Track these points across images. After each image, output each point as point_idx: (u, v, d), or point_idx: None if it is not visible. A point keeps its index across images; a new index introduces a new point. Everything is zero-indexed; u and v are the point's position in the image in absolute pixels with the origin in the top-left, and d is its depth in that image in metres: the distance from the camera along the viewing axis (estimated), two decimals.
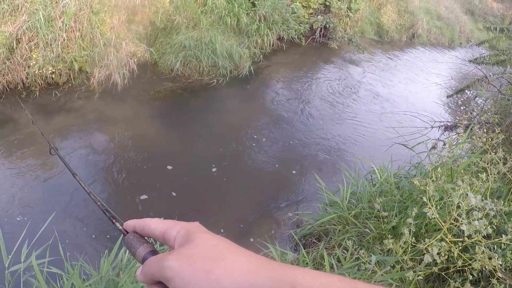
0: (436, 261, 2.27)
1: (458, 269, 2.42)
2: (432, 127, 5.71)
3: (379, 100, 8.62)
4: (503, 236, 2.26)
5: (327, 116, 7.39)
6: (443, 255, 2.30)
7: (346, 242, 3.07)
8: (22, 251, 2.23)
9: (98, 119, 5.94)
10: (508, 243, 2.29)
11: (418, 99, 9.17)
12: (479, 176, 2.62)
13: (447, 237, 2.39)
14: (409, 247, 2.52)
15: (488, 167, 2.88)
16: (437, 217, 2.35)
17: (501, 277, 2.24)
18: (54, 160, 4.76)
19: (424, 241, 2.42)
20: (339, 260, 2.98)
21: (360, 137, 6.82)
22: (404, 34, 14.12)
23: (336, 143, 6.47)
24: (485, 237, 2.31)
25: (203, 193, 4.88)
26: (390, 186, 3.61)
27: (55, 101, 6.11)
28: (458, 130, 4.28)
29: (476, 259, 2.26)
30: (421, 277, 2.43)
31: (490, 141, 3.38)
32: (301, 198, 5.03)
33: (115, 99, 6.44)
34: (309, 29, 10.37)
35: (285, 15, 9.40)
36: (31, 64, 5.86)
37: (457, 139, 4.13)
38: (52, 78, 6.22)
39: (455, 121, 6.20)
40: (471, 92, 7.10)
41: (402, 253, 2.57)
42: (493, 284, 2.25)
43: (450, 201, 2.43)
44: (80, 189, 0.84)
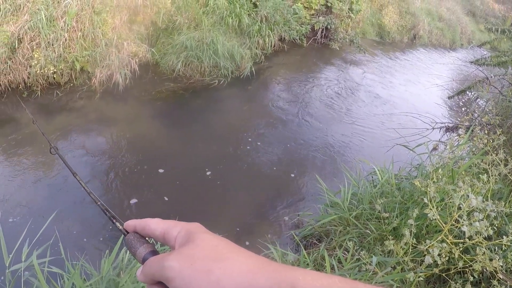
0: (437, 262, 2.27)
1: (459, 270, 2.42)
2: (433, 128, 5.70)
3: (380, 101, 8.61)
4: (504, 238, 2.26)
5: (328, 117, 7.39)
6: (444, 256, 2.30)
7: (347, 243, 3.07)
8: (23, 250, 2.23)
9: (99, 119, 5.95)
10: (509, 244, 2.28)
11: (419, 100, 9.16)
12: (480, 177, 2.62)
13: (448, 238, 2.39)
14: (410, 248, 2.52)
15: (489, 168, 2.88)
16: (438, 218, 2.35)
17: (502, 278, 2.24)
18: (54, 159, 4.77)
19: (425, 242, 2.41)
20: (340, 261, 2.97)
21: (361, 138, 6.81)
22: (406, 35, 14.10)
23: (337, 144, 6.46)
24: (486, 238, 2.30)
25: (203, 194, 4.88)
26: (391, 187, 3.60)
27: (56, 100, 6.12)
28: (459, 132, 4.27)
29: (477, 261, 2.26)
30: (422, 278, 2.42)
31: (491, 142, 3.37)
32: (301, 199, 5.03)
33: (116, 99, 6.44)
34: (310, 30, 10.36)
35: (287, 16, 9.40)
36: (32, 63, 5.87)
37: (458, 140, 4.13)
38: (54, 78, 6.23)
39: (456, 122, 6.19)
40: (472, 93, 7.10)
41: (403, 254, 2.57)
42: (494, 285, 2.25)
43: (451, 202, 2.42)
44: (80, 188, 0.84)
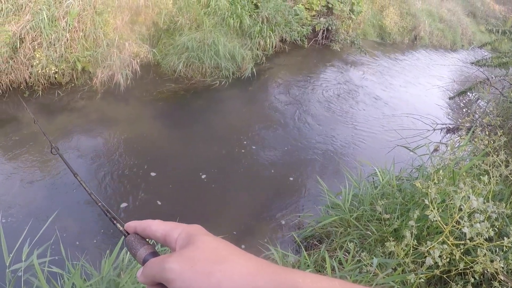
0: (438, 264, 2.27)
1: (460, 271, 2.42)
2: (434, 129, 5.69)
3: (381, 102, 8.61)
4: (505, 239, 2.25)
5: (328, 119, 7.39)
6: (444, 257, 2.29)
7: (347, 244, 3.07)
8: (23, 250, 2.23)
9: (100, 119, 5.96)
10: (510, 245, 2.28)
11: (420, 101, 9.15)
12: (481, 178, 2.61)
13: (449, 239, 2.39)
14: (411, 250, 2.52)
15: (490, 169, 2.88)
16: (439, 219, 2.35)
17: (503, 280, 2.23)
18: (55, 159, 4.77)
19: (426, 243, 2.41)
20: (340, 262, 2.97)
21: (362, 140, 6.81)
22: (406, 36, 14.10)
23: (337, 145, 6.46)
24: (487, 239, 2.30)
25: (204, 195, 4.88)
26: (392, 188, 3.60)
27: (57, 100, 6.12)
28: (460, 133, 4.27)
29: (478, 262, 2.25)
30: (422, 280, 2.42)
31: (492, 143, 3.37)
32: (302, 200, 5.03)
33: (118, 100, 6.45)
34: (311, 31, 10.36)
35: (288, 17, 9.41)
36: (34, 63, 5.88)
37: (459, 141, 4.12)
38: (55, 78, 6.24)
39: (457, 123, 6.18)
40: (473, 94, 7.09)
41: (404, 256, 2.56)
42: (494, 287, 2.25)
43: (452, 203, 2.42)
44: (81, 188, 0.84)
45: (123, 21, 6.92)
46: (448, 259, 2.32)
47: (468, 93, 6.66)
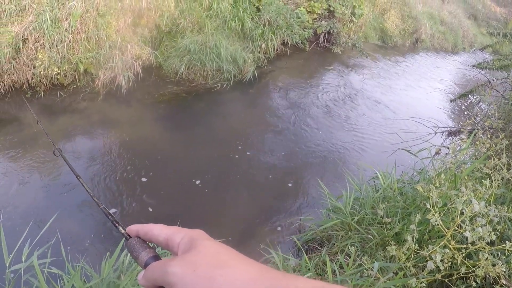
0: (440, 268, 2.26)
1: (461, 276, 2.41)
2: (436, 132, 5.68)
3: (382, 106, 8.60)
4: (507, 243, 2.24)
5: (329, 122, 7.38)
6: (446, 262, 2.29)
7: (348, 248, 3.06)
8: (24, 250, 2.24)
9: (102, 121, 5.96)
10: None
11: (421, 105, 9.15)
12: (483, 182, 2.61)
13: (450, 243, 2.38)
14: (412, 254, 2.51)
15: (491, 173, 2.87)
16: (440, 223, 2.34)
17: (505, 284, 2.22)
18: (57, 160, 4.78)
19: (428, 247, 2.40)
20: (341, 266, 2.96)
21: (363, 143, 6.80)
22: (408, 39, 14.11)
23: (338, 149, 6.46)
24: (488, 243, 2.29)
25: (205, 197, 4.87)
26: (393, 192, 3.59)
27: (59, 101, 6.13)
28: (462, 136, 4.26)
29: (479, 266, 2.25)
30: (424, 284, 2.41)
31: (493, 146, 3.36)
32: (303, 204, 5.02)
33: (119, 101, 6.46)
34: (313, 34, 10.38)
35: (290, 20, 9.43)
36: (36, 64, 5.90)
37: (460, 144, 4.11)
38: (57, 79, 6.25)
39: (459, 126, 6.17)
40: (474, 97, 7.08)
41: (405, 260, 2.55)
42: None
43: (454, 207, 2.41)
44: (83, 190, 0.84)
45: (125, 23, 6.93)
46: (449, 263, 2.31)
47: (470, 96, 6.66)
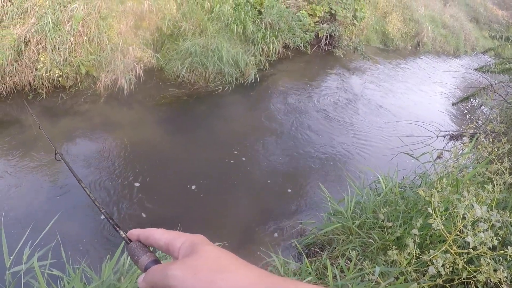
0: (441, 273, 2.25)
1: (463, 281, 2.39)
2: (438, 136, 5.68)
3: (384, 109, 8.60)
4: (508, 248, 2.23)
5: (331, 126, 7.38)
6: (447, 266, 2.27)
7: (349, 252, 3.05)
8: (24, 252, 2.24)
9: (104, 123, 5.97)
10: None
11: (423, 108, 9.14)
12: (485, 186, 2.59)
13: (452, 248, 2.37)
14: (414, 259, 2.49)
15: (494, 177, 2.85)
16: (442, 228, 2.33)
17: None
18: (58, 162, 4.78)
19: (429, 252, 2.39)
20: (342, 270, 2.95)
21: (365, 147, 6.79)
22: (409, 42, 14.12)
23: (340, 152, 6.45)
24: (490, 248, 2.28)
25: (205, 199, 4.87)
26: (394, 196, 3.58)
27: (61, 104, 6.15)
28: (464, 140, 4.25)
29: (481, 271, 2.23)
30: None
31: (496, 151, 3.35)
32: (304, 207, 5.01)
33: (121, 104, 6.47)
34: (314, 37, 10.39)
35: (291, 23, 9.44)
36: (38, 66, 5.92)
37: (462, 148, 4.10)
38: (59, 81, 6.27)
39: (461, 130, 6.16)
40: (476, 101, 7.08)
41: (406, 264, 2.54)
42: None
43: (456, 212, 2.40)
44: (84, 193, 0.84)
45: (127, 26, 6.95)
46: (451, 268, 2.30)
47: (471, 99, 6.65)
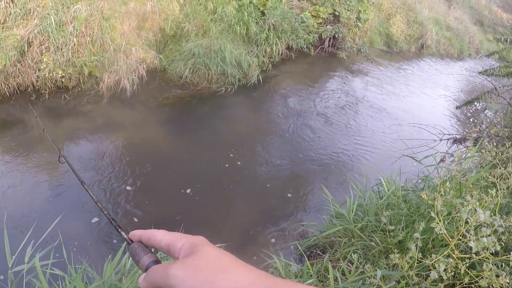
0: (443, 278, 2.23)
1: (464, 286, 2.38)
2: (441, 139, 5.65)
3: (387, 112, 8.58)
4: (511, 254, 2.22)
5: (334, 128, 7.37)
6: (449, 271, 2.26)
7: (351, 255, 3.04)
8: (27, 252, 2.24)
9: (106, 123, 5.98)
10: None
11: (427, 111, 9.12)
12: (488, 191, 2.58)
13: (454, 253, 2.35)
14: (415, 263, 2.48)
15: (497, 182, 2.84)
16: (444, 232, 2.31)
17: None
18: (61, 163, 4.78)
19: (431, 256, 2.38)
20: (343, 273, 2.94)
21: (368, 149, 6.78)
22: (413, 44, 14.09)
23: (343, 155, 6.43)
24: (493, 254, 2.26)
25: (207, 200, 4.87)
26: (397, 199, 3.56)
27: (64, 104, 6.16)
28: (467, 143, 4.23)
29: (483, 277, 2.22)
30: None
31: (500, 155, 3.33)
32: (306, 209, 5.00)
33: (124, 105, 6.48)
34: (318, 38, 10.38)
35: (294, 25, 9.43)
36: (41, 67, 5.94)
37: (466, 152, 4.08)
38: (62, 82, 6.29)
39: (464, 134, 6.13)
40: (480, 104, 7.05)
41: (408, 268, 2.53)
42: None
43: (458, 216, 2.39)
44: (86, 193, 0.85)
45: (130, 26, 6.97)
46: (453, 273, 2.28)
47: (475, 103, 6.62)
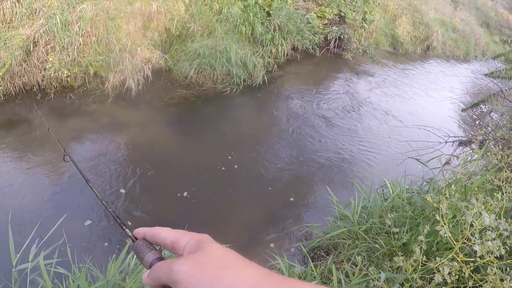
0: (447, 281, 2.22)
1: None
2: (446, 142, 5.62)
3: (392, 114, 8.54)
4: None
5: (340, 129, 7.35)
6: (453, 275, 2.25)
7: (355, 257, 3.02)
8: (31, 250, 2.25)
9: (111, 123, 6.00)
10: None
11: (432, 113, 9.07)
12: (494, 194, 2.56)
13: (458, 256, 2.34)
14: (420, 265, 2.47)
15: (503, 185, 2.82)
16: (449, 235, 2.30)
17: None
18: (66, 162, 4.80)
19: (435, 259, 2.36)
20: (347, 275, 2.93)
21: (372, 151, 6.75)
22: (419, 46, 14.02)
23: (348, 157, 6.42)
24: (497, 258, 2.25)
25: (211, 200, 4.87)
26: (402, 201, 3.55)
27: (69, 104, 6.19)
28: (473, 146, 4.20)
29: (487, 281, 2.20)
30: None
31: (505, 158, 3.31)
32: (311, 211, 4.99)
33: (129, 104, 6.50)
34: (323, 39, 10.36)
35: (300, 25, 9.42)
36: (47, 67, 5.97)
37: (471, 155, 4.05)
38: (67, 81, 6.32)
39: (470, 136, 6.10)
40: (486, 106, 7.00)
41: (412, 271, 2.51)
42: None
43: (463, 219, 2.37)
44: (91, 192, 0.85)
45: (135, 26, 6.99)
46: (457, 277, 2.27)
47: (481, 105, 6.58)
